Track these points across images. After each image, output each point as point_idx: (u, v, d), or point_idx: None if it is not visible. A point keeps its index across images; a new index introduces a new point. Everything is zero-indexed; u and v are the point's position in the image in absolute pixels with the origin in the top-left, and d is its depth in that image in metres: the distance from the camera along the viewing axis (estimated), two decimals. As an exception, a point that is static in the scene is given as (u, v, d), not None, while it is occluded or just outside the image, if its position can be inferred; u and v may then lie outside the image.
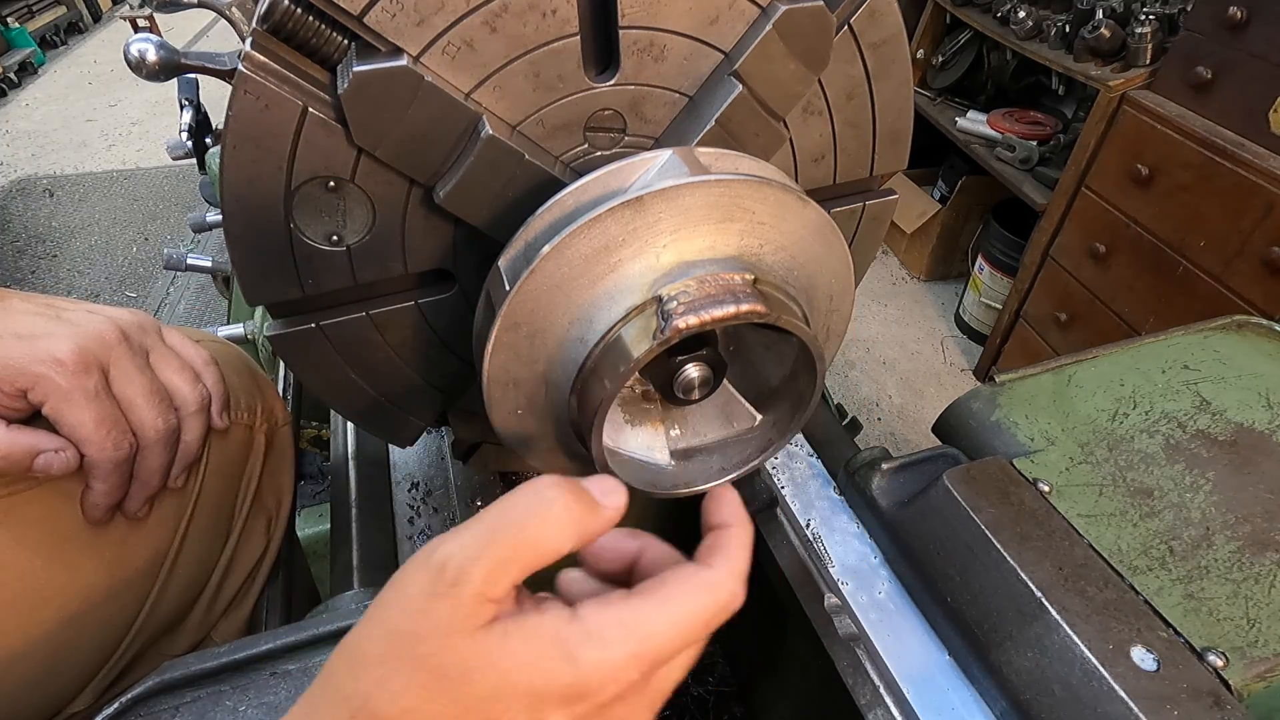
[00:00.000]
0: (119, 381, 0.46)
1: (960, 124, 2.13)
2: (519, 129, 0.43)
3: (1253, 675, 0.44)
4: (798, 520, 0.65)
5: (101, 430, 0.45)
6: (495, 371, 0.42)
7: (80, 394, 0.44)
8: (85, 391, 0.44)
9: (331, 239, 0.44)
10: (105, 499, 0.47)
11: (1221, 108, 1.41)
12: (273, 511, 0.65)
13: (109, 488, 0.47)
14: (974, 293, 2.26)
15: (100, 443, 0.45)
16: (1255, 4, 1.31)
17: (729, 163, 0.44)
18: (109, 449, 0.45)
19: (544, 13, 0.39)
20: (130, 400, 0.47)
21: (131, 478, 0.49)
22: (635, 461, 0.49)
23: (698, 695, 1.25)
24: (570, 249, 0.38)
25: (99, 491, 0.47)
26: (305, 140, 0.39)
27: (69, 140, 3.76)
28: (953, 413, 0.65)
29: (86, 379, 0.44)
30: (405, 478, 0.71)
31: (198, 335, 0.67)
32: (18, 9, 4.62)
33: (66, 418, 0.44)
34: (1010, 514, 0.52)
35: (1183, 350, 0.66)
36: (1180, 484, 0.55)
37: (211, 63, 0.65)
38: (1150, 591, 0.48)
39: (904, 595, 0.58)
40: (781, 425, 0.50)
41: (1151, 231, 1.56)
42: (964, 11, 2.08)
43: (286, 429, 0.66)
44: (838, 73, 0.48)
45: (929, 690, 0.52)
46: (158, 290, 2.67)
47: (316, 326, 0.47)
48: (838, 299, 0.48)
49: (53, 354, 0.43)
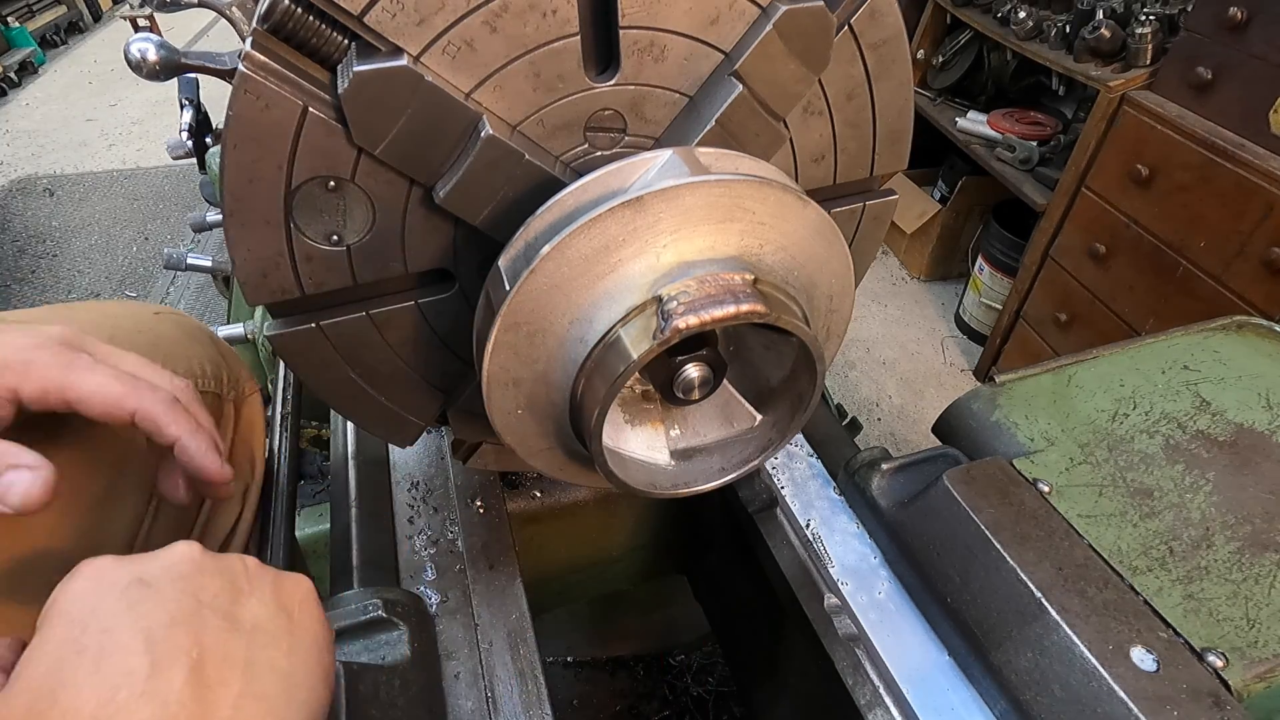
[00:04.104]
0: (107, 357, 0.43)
1: (960, 124, 2.13)
2: (519, 129, 0.43)
3: (1253, 675, 0.44)
4: (798, 520, 0.65)
5: (124, 380, 0.41)
6: (495, 371, 0.42)
7: (79, 362, 0.41)
8: (82, 362, 0.41)
9: (331, 239, 0.44)
10: (199, 440, 0.43)
11: (1221, 108, 1.41)
12: (247, 479, 0.64)
13: (188, 428, 0.43)
14: (974, 293, 2.26)
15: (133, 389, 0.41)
16: (1255, 4, 1.31)
17: (729, 163, 0.44)
18: (146, 391, 0.41)
19: (544, 13, 0.39)
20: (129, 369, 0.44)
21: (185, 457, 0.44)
22: (635, 461, 0.49)
23: (697, 695, 1.26)
24: (570, 249, 0.38)
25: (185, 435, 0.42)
26: (305, 140, 0.39)
27: (69, 140, 3.76)
28: (953, 413, 0.65)
29: (77, 356, 0.41)
30: (405, 477, 0.71)
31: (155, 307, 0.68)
32: (18, 8, 4.62)
33: (82, 385, 0.40)
34: (1010, 514, 0.52)
35: (1183, 350, 0.66)
36: (1180, 484, 0.55)
37: (212, 62, 0.65)
38: (1150, 592, 0.48)
39: (904, 595, 0.58)
40: (781, 425, 0.50)
41: (1151, 232, 1.56)
42: (964, 12, 2.08)
43: (256, 397, 0.66)
44: (838, 73, 0.48)
45: (929, 690, 0.52)
46: (158, 290, 2.67)
47: (316, 326, 0.47)
48: (838, 299, 0.48)
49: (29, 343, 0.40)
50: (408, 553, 0.64)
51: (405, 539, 0.65)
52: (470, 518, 0.67)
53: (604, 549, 0.85)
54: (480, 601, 0.60)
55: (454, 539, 0.65)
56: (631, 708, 1.27)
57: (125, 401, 0.41)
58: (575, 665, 1.29)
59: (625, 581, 0.93)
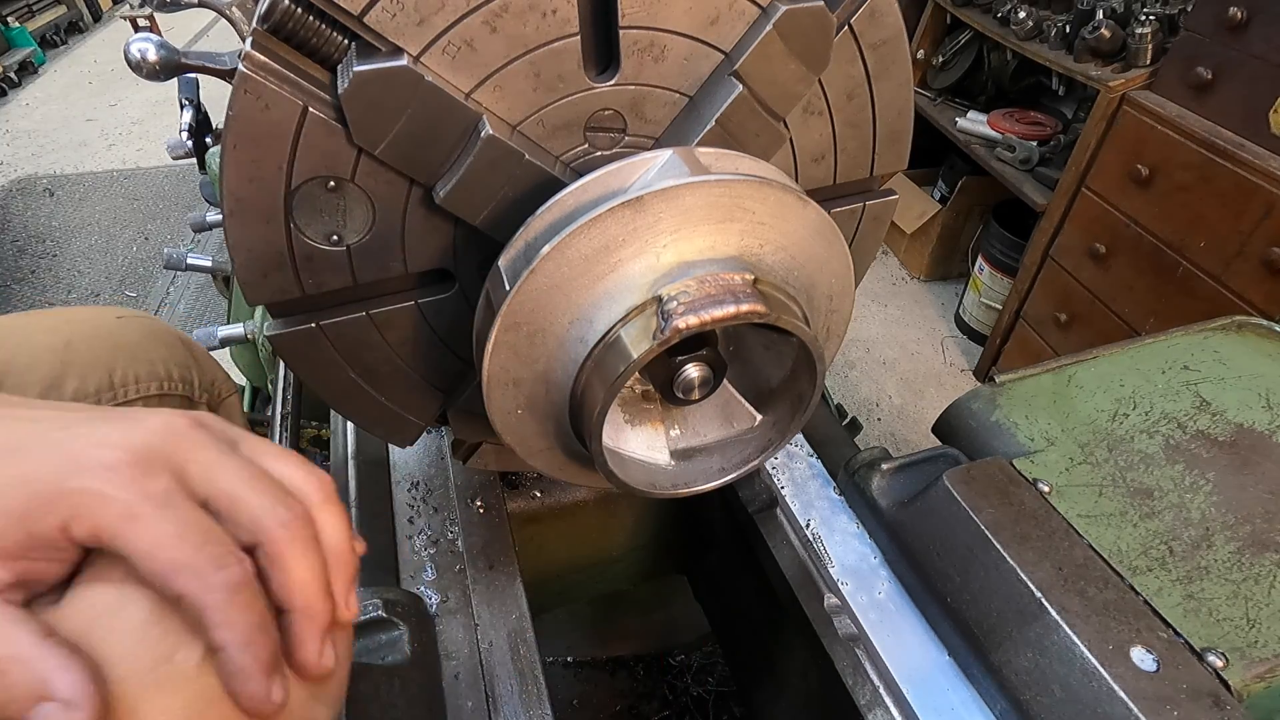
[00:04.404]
0: (204, 477, 0.31)
1: (960, 124, 2.13)
2: (519, 129, 0.43)
3: (1253, 675, 0.44)
4: (798, 520, 0.65)
5: (187, 545, 0.29)
6: (495, 371, 0.42)
7: (146, 502, 0.29)
8: (152, 498, 0.29)
9: (331, 239, 0.44)
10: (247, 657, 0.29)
11: (1221, 108, 1.41)
12: None
13: (240, 637, 0.28)
14: (974, 293, 2.26)
15: (192, 562, 0.28)
16: (1255, 4, 1.31)
17: (729, 163, 0.44)
18: (207, 568, 0.29)
19: (544, 13, 0.39)
20: (229, 494, 0.31)
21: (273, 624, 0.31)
22: (635, 461, 0.49)
23: (697, 695, 1.26)
24: (570, 249, 0.38)
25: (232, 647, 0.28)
26: (305, 140, 0.39)
27: (69, 140, 3.76)
28: (953, 413, 0.65)
29: (151, 481, 0.29)
30: (405, 477, 0.71)
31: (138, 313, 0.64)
32: (18, 8, 4.62)
33: (132, 542, 0.28)
34: (1010, 514, 0.52)
35: (1183, 351, 0.66)
36: (1180, 484, 0.55)
37: (212, 62, 0.65)
38: (1150, 592, 0.48)
39: (904, 595, 0.58)
40: (781, 425, 0.50)
41: (1151, 232, 1.56)
42: (964, 12, 2.08)
43: (232, 400, 0.64)
44: (838, 73, 0.48)
45: (929, 690, 0.52)
46: (158, 290, 2.67)
47: (316, 326, 0.47)
48: (838, 299, 0.48)
49: (98, 459, 0.29)
50: (408, 553, 0.64)
51: (405, 539, 0.65)
52: (470, 518, 0.67)
53: (604, 549, 0.85)
54: (480, 601, 0.60)
55: (454, 539, 0.65)
56: (631, 708, 1.27)
57: (173, 580, 0.29)
58: (575, 665, 1.29)
59: (625, 581, 0.93)
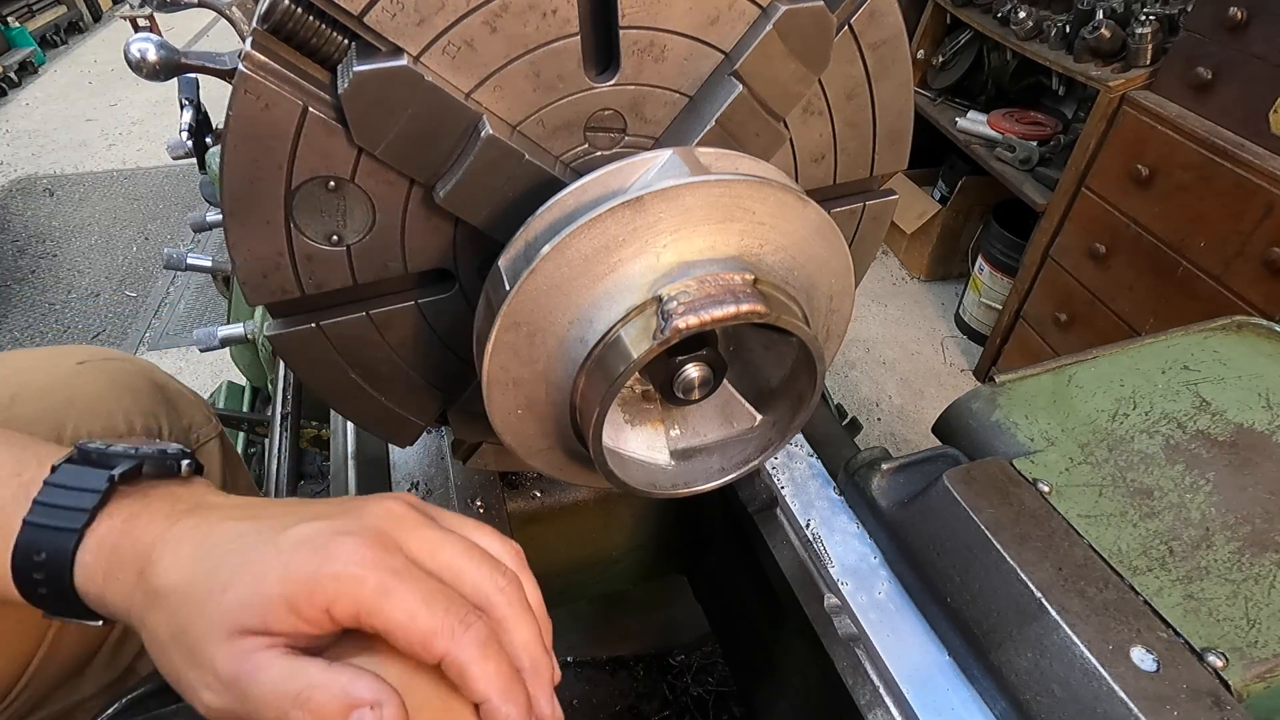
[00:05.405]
0: (428, 552, 0.36)
1: (960, 124, 2.13)
2: (519, 129, 0.43)
3: (1253, 675, 0.44)
4: (798, 520, 0.65)
5: (437, 609, 0.33)
6: (495, 371, 0.42)
7: (393, 578, 0.33)
8: (396, 572, 0.33)
9: (331, 239, 0.44)
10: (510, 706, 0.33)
11: (1221, 108, 1.41)
12: None
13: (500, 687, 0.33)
14: (974, 293, 2.26)
15: (444, 625, 0.32)
16: (1255, 4, 1.31)
17: (729, 163, 0.44)
18: (458, 628, 0.33)
19: (544, 13, 0.39)
20: (450, 565, 0.36)
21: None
22: (635, 461, 0.49)
23: (697, 695, 1.25)
24: (570, 249, 0.38)
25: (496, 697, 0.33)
26: (305, 140, 0.39)
27: (69, 140, 3.76)
28: (953, 413, 0.65)
29: (391, 558, 0.34)
30: (405, 478, 0.71)
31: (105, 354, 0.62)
32: (18, 8, 4.61)
33: (390, 614, 0.32)
34: (1010, 514, 0.52)
35: (1183, 351, 0.66)
36: (1180, 484, 0.55)
37: (212, 62, 0.65)
38: (1150, 592, 0.48)
39: (904, 595, 0.58)
40: (781, 425, 0.50)
41: (1151, 232, 1.56)
42: (964, 12, 2.08)
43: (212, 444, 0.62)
44: (838, 73, 0.48)
45: (929, 690, 0.52)
46: (158, 290, 2.67)
47: (316, 326, 0.47)
48: (838, 299, 0.48)
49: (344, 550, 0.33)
50: (408, 553, 0.64)
51: (405, 539, 0.65)
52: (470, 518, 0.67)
53: (604, 549, 0.85)
54: (480, 601, 0.60)
55: (454, 539, 0.65)
56: (631, 708, 1.26)
57: (433, 644, 0.32)
58: (575, 665, 1.29)
59: (625, 581, 0.93)
